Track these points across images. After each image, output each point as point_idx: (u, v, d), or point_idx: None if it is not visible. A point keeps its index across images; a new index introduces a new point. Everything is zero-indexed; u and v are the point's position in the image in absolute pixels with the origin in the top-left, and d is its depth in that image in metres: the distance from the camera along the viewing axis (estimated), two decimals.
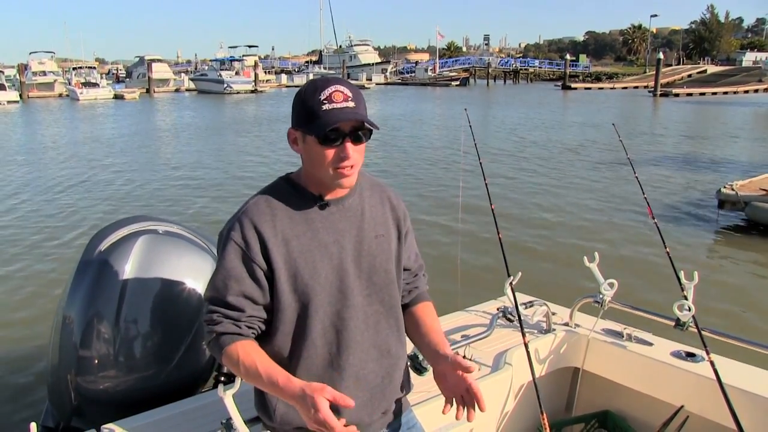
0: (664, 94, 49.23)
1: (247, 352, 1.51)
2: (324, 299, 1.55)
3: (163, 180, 14.41)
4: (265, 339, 1.61)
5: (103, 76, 69.99)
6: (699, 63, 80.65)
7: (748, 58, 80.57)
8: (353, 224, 1.61)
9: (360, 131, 1.51)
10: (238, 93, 56.27)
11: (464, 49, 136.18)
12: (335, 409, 1.57)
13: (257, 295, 1.53)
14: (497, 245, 2.74)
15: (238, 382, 1.63)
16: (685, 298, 2.52)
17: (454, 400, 1.57)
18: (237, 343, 1.52)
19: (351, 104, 1.48)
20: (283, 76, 74.44)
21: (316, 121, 1.47)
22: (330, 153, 1.50)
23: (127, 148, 20.61)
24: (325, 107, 1.46)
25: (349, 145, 1.49)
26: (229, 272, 1.52)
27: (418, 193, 12.34)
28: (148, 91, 58.62)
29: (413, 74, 77.95)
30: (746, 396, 2.32)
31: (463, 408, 1.54)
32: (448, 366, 1.57)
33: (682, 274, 2.58)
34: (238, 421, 1.66)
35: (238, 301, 1.52)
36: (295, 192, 1.59)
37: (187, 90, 63.90)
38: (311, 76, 71.25)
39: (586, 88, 62.10)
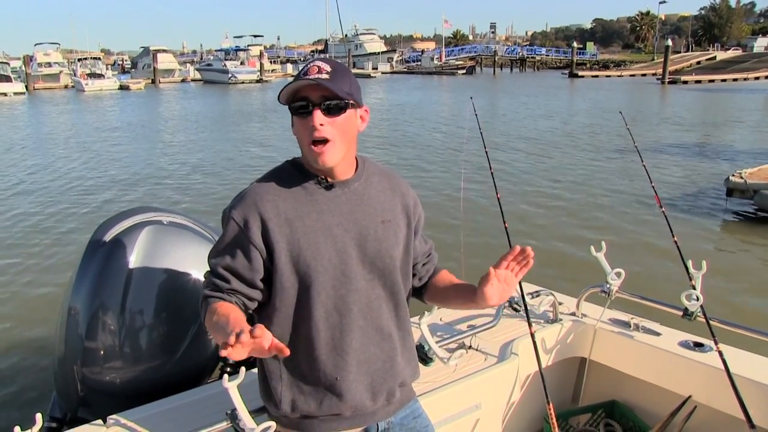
0: (673, 82, 48.88)
1: (225, 307, 1.52)
2: (327, 282, 1.56)
3: (167, 170, 14.43)
4: (267, 319, 1.61)
5: (109, 67, 69.97)
6: (708, 50, 79.84)
7: (760, 43, 79.21)
8: (358, 208, 1.61)
9: (330, 102, 1.49)
10: (242, 83, 56.28)
11: (470, 37, 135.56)
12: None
13: (246, 273, 1.56)
14: (503, 234, 2.72)
15: (242, 372, 1.63)
16: (693, 287, 2.49)
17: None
18: (219, 302, 1.54)
19: (324, 76, 1.48)
20: (289, 66, 74.42)
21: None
22: (302, 124, 1.52)
23: (132, 139, 20.67)
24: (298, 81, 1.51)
25: (317, 114, 1.49)
26: (225, 247, 1.56)
27: (423, 179, 12.32)
28: (153, 81, 58.70)
29: (419, 63, 77.86)
30: (754, 386, 2.30)
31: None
32: (492, 276, 1.54)
33: (690, 264, 2.54)
34: (243, 411, 1.66)
35: (225, 273, 1.56)
36: (300, 174, 1.60)
37: (192, 80, 64.03)
38: None
39: (593, 76, 61.83)
